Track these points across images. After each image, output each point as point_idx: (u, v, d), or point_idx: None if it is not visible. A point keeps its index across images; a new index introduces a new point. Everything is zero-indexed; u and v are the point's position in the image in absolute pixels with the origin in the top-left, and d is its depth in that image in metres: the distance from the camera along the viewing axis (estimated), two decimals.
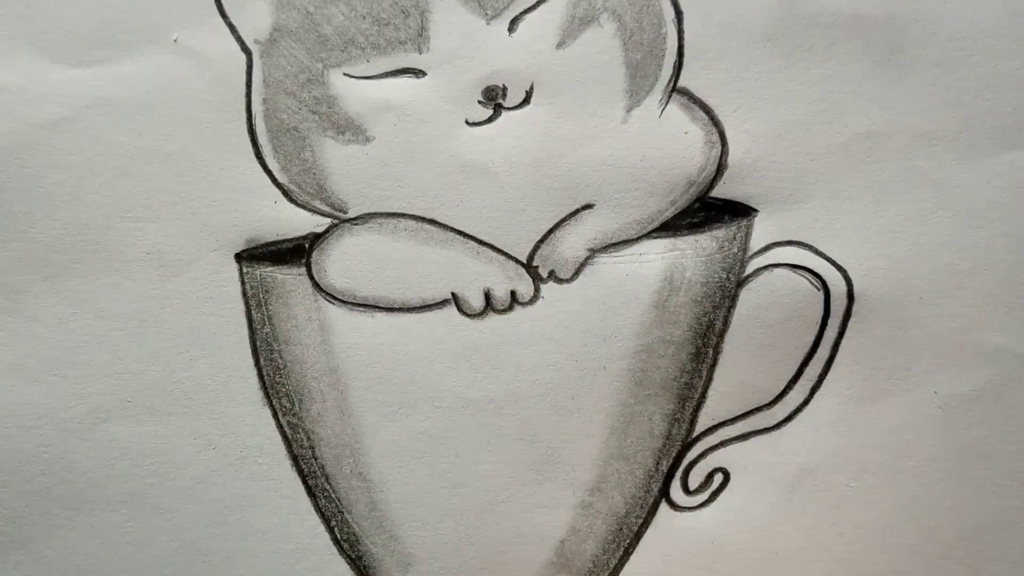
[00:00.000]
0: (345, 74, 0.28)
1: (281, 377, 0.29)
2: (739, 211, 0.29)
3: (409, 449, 0.29)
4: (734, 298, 0.29)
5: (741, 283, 0.29)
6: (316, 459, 0.29)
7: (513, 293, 0.29)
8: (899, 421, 0.30)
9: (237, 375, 0.28)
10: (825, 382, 0.30)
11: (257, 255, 0.28)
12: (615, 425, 0.30)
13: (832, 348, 0.30)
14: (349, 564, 0.29)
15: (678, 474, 0.30)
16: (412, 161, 0.28)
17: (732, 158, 0.29)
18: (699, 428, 0.30)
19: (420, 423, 0.29)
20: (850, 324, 0.30)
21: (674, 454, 0.30)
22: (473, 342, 0.29)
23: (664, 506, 0.30)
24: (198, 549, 0.29)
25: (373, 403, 0.29)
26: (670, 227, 0.29)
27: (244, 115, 0.28)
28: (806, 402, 0.30)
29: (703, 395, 0.30)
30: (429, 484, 0.29)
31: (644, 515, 0.30)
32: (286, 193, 0.28)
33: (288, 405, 0.29)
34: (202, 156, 0.28)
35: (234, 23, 0.28)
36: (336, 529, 0.29)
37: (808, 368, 0.30)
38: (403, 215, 0.28)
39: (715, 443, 0.30)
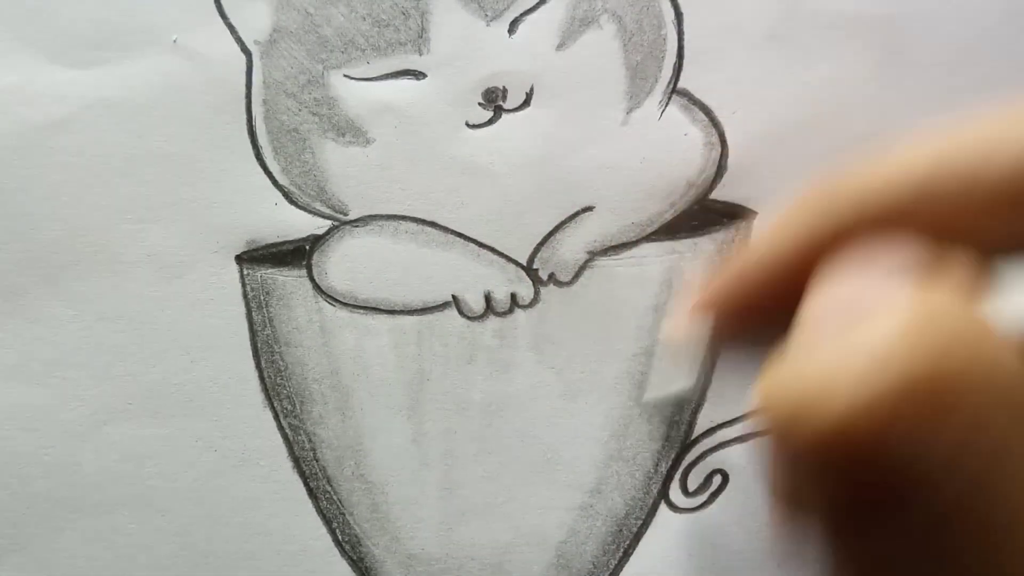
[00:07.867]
0: (345, 76, 0.28)
1: (282, 379, 0.29)
2: (738, 213, 0.29)
3: (410, 451, 0.29)
4: None
5: None
6: (317, 461, 0.29)
7: (513, 296, 0.29)
8: None
9: (238, 377, 0.28)
10: None
11: (258, 257, 0.28)
12: (614, 427, 0.30)
13: None
14: (351, 565, 0.29)
15: (677, 476, 0.30)
16: (412, 163, 0.28)
17: (732, 160, 0.29)
18: (698, 430, 0.30)
19: (421, 425, 0.29)
20: None
21: (673, 456, 0.30)
22: (473, 344, 0.29)
23: (663, 508, 0.30)
24: (200, 551, 0.29)
25: (374, 405, 0.29)
26: (669, 229, 0.29)
27: (244, 116, 0.28)
28: None
29: (702, 397, 0.30)
30: (430, 486, 0.29)
31: (644, 516, 0.30)
32: (287, 195, 0.28)
33: (289, 407, 0.29)
34: (202, 157, 0.28)
35: (234, 24, 0.28)
36: (338, 531, 0.29)
37: None
38: (404, 217, 0.28)
39: (714, 445, 0.30)
